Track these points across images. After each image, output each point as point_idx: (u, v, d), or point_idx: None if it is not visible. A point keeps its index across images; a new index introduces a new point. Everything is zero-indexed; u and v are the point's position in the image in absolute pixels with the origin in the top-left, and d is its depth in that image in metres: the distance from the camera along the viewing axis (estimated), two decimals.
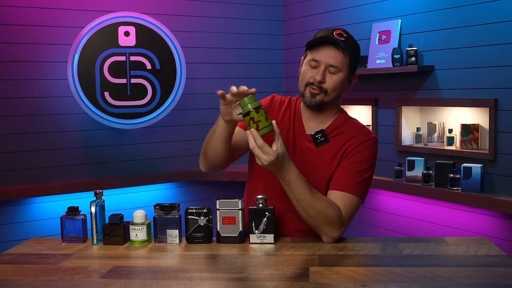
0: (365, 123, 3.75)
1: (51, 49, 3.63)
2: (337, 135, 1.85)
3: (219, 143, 1.80)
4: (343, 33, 1.82)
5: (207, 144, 1.86)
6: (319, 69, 1.79)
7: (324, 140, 1.85)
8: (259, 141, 1.62)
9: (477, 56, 3.08)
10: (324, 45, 1.80)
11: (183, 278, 1.47)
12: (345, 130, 1.86)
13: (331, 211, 1.71)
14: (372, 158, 1.85)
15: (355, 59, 1.84)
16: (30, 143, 3.60)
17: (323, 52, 1.79)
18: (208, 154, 1.86)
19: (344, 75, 1.81)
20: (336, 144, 1.84)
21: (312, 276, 1.46)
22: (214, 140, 1.81)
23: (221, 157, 1.84)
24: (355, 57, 1.84)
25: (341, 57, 1.79)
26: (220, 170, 1.95)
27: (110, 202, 2.21)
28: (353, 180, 1.79)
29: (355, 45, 1.85)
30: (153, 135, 3.99)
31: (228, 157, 1.87)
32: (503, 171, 2.99)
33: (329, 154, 1.84)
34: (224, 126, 1.76)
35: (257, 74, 4.31)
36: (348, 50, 1.79)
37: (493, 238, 3.04)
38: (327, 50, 1.79)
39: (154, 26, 3.78)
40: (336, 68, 1.79)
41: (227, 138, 1.79)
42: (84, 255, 1.72)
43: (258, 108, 1.62)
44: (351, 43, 1.82)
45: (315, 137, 1.85)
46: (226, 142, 1.80)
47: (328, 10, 4.01)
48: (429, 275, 1.45)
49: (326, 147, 1.85)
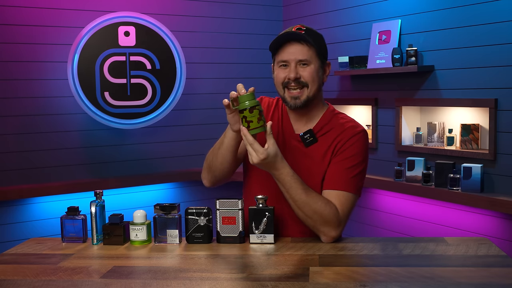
0: (365, 123, 3.75)
1: (51, 49, 3.62)
2: (325, 133, 1.85)
3: (228, 154, 1.81)
4: (301, 27, 1.81)
5: (213, 158, 1.86)
6: (290, 67, 1.79)
7: (313, 140, 1.84)
8: (249, 138, 1.64)
9: (477, 56, 3.08)
10: (287, 43, 1.79)
11: (183, 278, 1.47)
12: (332, 127, 1.85)
13: (328, 210, 1.71)
14: (362, 152, 1.84)
15: (321, 48, 1.82)
16: (30, 143, 3.60)
17: (288, 50, 1.79)
18: (215, 167, 1.86)
19: (316, 66, 1.80)
20: (325, 142, 1.84)
21: (312, 276, 1.46)
22: (222, 152, 1.82)
23: (228, 168, 1.85)
24: (320, 46, 1.82)
25: (306, 50, 1.79)
26: (224, 183, 1.95)
27: (110, 202, 2.21)
28: (346, 177, 1.78)
29: (317, 35, 1.83)
30: (153, 135, 3.99)
31: (234, 167, 1.89)
32: (503, 171, 2.99)
33: (319, 153, 1.83)
34: (233, 137, 1.77)
35: (257, 74, 4.30)
36: (312, 40, 1.78)
37: (493, 238, 3.04)
38: (291, 48, 1.79)
39: (154, 26, 3.78)
40: (306, 61, 1.79)
41: (235, 149, 1.81)
42: (84, 255, 1.72)
43: (253, 108, 1.63)
44: (312, 34, 1.81)
45: (304, 138, 1.85)
46: (234, 153, 1.82)
47: (328, 10, 4.01)
48: (429, 275, 1.45)
49: (315, 146, 1.84)
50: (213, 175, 1.89)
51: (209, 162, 1.89)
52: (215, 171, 1.88)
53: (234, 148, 1.80)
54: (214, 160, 1.86)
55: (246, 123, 1.65)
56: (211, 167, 1.88)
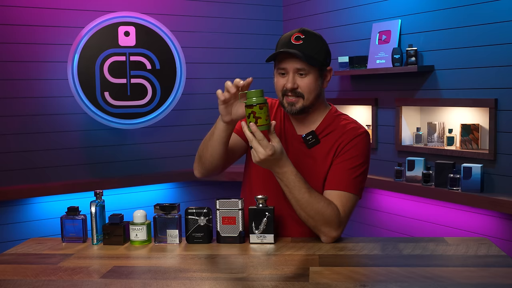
0: (365, 123, 3.75)
1: (51, 49, 3.62)
2: (327, 134, 1.85)
3: (217, 146, 1.80)
4: (300, 35, 1.77)
5: (204, 149, 1.86)
6: (288, 76, 1.78)
7: (315, 141, 1.84)
8: (259, 134, 1.62)
9: (477, 56, 3.08)
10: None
11: (183, 278, 1.47)
12: (335, 128, 1.85)
13: (329, 210, 1.71)
14: (364, 153, 1.83)
15: (320, 57, 1.79)
16: (30, 143, 3.60)
17: (286, 60, 1.77)
18: (205, 158, 1.85)
19: (315, 75, 1.79)
20: (327, 144, 1.84)
21: (312, 276, 1.46)
22: (212, 143, 1.81)
23: (217, 160, 1.84)
24: (320, 54, 1.79)
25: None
26: (215, 175, 1.94)
27: (110, 202, 2.21)
28: (347, 178, 1.78)
29: (317, 42, 1.79)
30: (153, 135, 3.99)
31: (225, 161, 1.87)
32: (503, 171, 2.99)
33: (321, 154, 1.83)
34: (223, 128, 1.76)
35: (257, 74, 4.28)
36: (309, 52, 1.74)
37: (493, 238, 3.04)
38: (288, 57, 1.76)
39: (154, 26, 3.78)
40: (304, 70, 1.76)
41: (226, 140, 1.80)
42: (84, 255, 1.72)
43: (262, 104, 1.63)
44: (310, 43, 1.77)
45: (306, 139, 1.85)
46: (224, 145, 1.80)
47: (328, 10, 4.01)
48: (429, 275, 1.45)
49: (318, 147, 1.84)
50: (203, 167, 1.88)
51: (199, 153, 1.88)
52: (205, 163, 1.87)
53: (224, 140, 1.79)
54: (204, 151, 1.85)
55: (254, 118, 1.63)
56: (201, 158, 1.87)
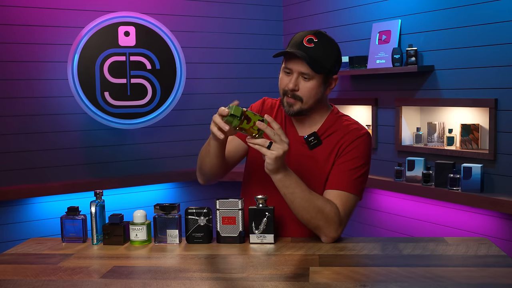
0: (365, 123, 3.75)
1: (51, 49, 3.62)
2: (329, 135, 1.84)
3: (215, 159, 1.81)
4: (313, 38, 1.75)
5: (202, 162, 1.87)
6: (292, 76, 1.77)
7: (317, 142, 1.84)
8: (275, 125, 1.63)
9: (477, 56, 3.08)
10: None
11: (183, 278, 1.47)
12: (336, 129, 1.85)
13: (329, 210, 1.71)
14: (366, 154, 1.83)
15: (329, 63, 1.77)
16: (29, 143, 3.60)
17: (293, 60, 1.76)
18: (205, 171, 1.88)
19: (319, 81, 1.77)
20: (329, 145, 1.84)
21: (312, 276, 1.46)
22: (209, 159, 1.82)
23: (217, 170, 1.86)
24: (328, 61, 1.77)
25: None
26: (218, 180, 1.98)
27: (110, 202, 2.21)
28: (348, 178, 1.78)
29: (328, 49, 1.77)
30: (153, 135, 3.99)
31: (224, 168, 1.90)
32: (503, 171, 2.99)
33: (323, 155, 1.83)
34: (217, 145, 1.77)
35: (257, 74, 4.30)
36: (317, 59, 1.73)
37: (493, 238, 3.04)
38: (295, 58, 1.75)
39: (154, 26, 3.78)
40: (308, 75, 1.75)
41: (221, 153, 1.81)
42: (84, 255, 1.72)
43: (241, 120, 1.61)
44: (321, 48, 1.74)
45: (308, 140, 1.84)
46: (221, 157, 1.82)
47: (328, 10, 4.00)
48: (429, 275, 1.45)
49: (319, 148, 1.84)
50: (206, 178, 1.93)
51: (199, 165, 1.91)
52: (205, 174, 1.91)
53: (221, 153, 1.80)
54: (203, 164, 1.87)
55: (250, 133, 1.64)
56: (201, 170, 1.90)
